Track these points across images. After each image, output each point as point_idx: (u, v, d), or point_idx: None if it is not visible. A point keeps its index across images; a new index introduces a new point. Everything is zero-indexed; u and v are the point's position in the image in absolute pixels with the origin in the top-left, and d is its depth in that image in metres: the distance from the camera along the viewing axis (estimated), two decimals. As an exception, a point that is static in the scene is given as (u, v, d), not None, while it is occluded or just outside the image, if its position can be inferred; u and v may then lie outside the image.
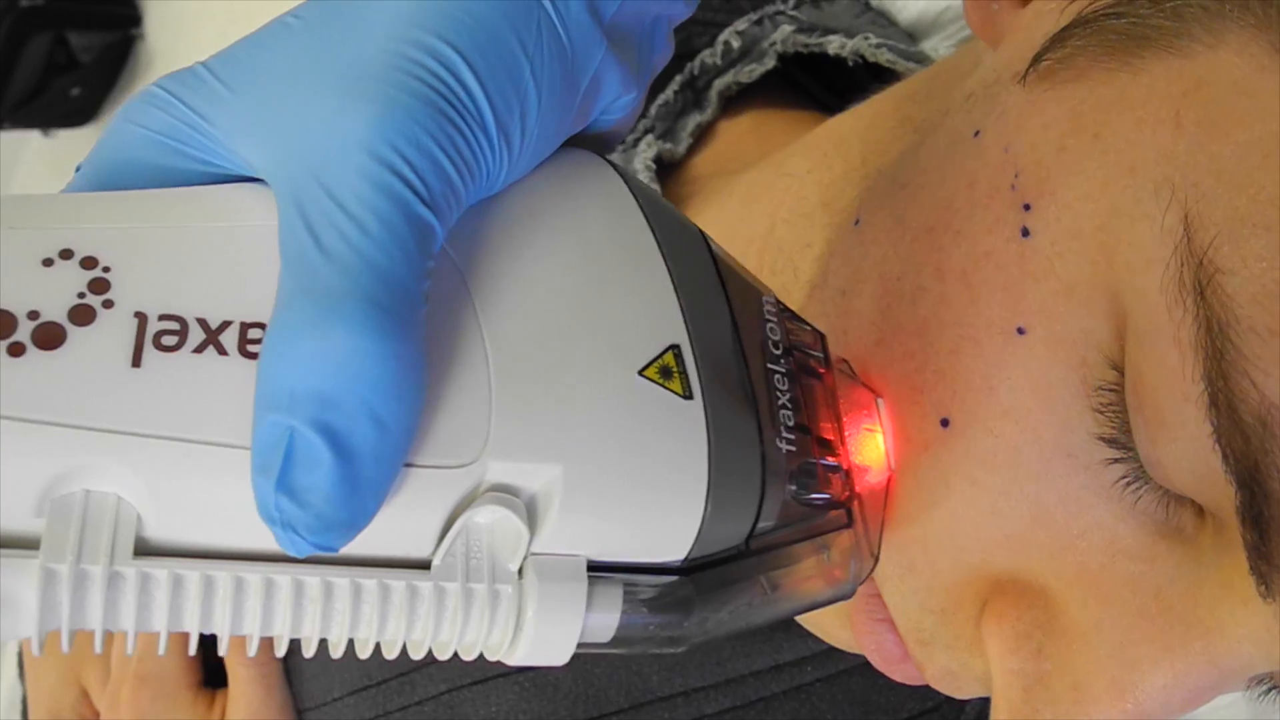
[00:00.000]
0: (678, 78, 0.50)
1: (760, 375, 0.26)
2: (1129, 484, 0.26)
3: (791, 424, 0.26)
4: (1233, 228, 0.23)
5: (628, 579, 0.24)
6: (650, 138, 0.48)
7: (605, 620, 0.24)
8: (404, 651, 0.22)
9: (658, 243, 0.26)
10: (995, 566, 0.28)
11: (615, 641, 0.25)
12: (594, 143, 0.27)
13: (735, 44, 0.49)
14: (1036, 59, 0.28)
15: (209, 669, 0.56)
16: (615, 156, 0.48)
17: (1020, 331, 0.26)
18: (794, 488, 0.26)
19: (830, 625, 0.34)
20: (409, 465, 0.21)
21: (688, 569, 0.25)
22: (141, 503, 0.20)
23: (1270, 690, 0.27)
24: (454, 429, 0.22)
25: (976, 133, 0.29)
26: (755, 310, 0.27)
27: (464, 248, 0.24)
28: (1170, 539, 0.26)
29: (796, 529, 0.27)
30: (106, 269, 0.21)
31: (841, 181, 0.38)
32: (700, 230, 0.28)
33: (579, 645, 0.24)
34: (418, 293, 0.21)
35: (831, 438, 0.28)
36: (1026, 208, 0.27)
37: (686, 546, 0.24)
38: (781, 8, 0.49)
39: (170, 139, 0.23)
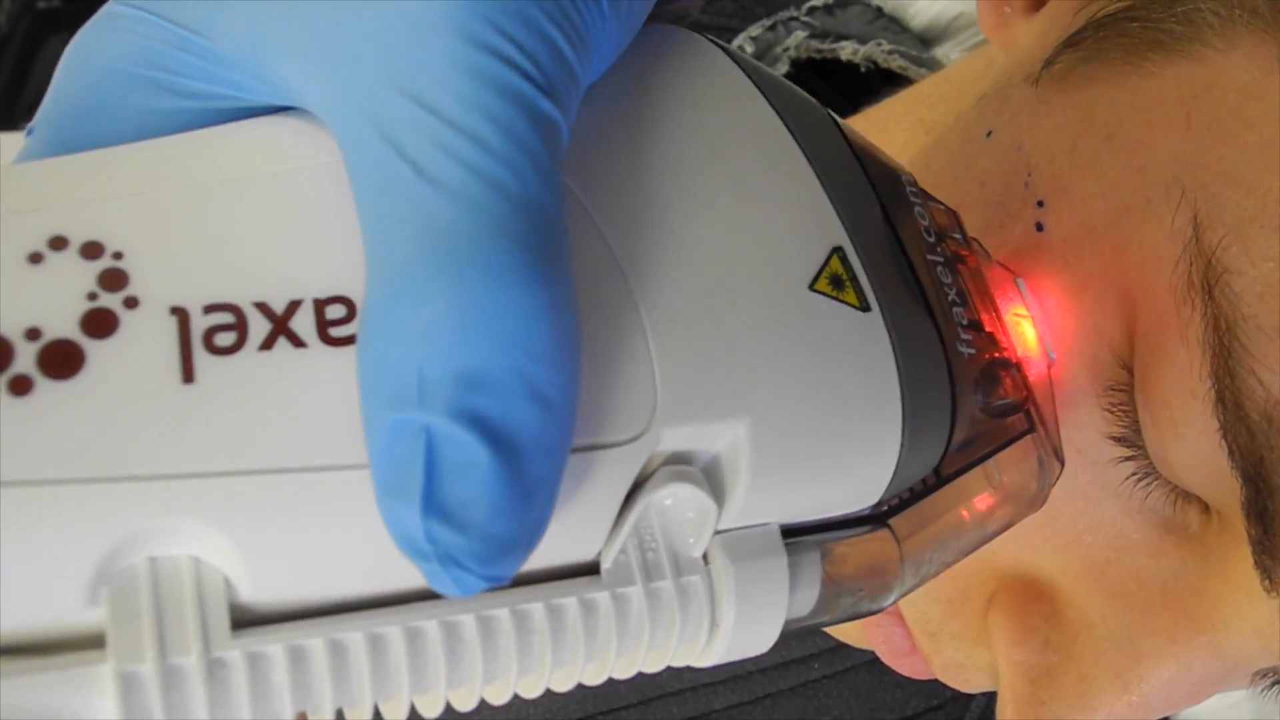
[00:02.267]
0: None
1: (925, 271, 0.22)
2: (1138, 481, 0.26)
3: (965, 322, 0.22)
4: (1241, 228, 0.24)
5: (822, 538, 0.20)
6: None
7: (805, 594, 0.20)
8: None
9: (790, 131, 0.21)
10: (1002, 560, 0.28)
11: (814, 614, 0.21)
12: (668, 14, 0.22)
13: (749, 49, 0.49)
14: (1049, 61, 0.29)
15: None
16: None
17: None
18: (980, 397, 0.22)
19: (839, 619, 0.34)
20: (576, 450, 0.16)
21: (883, 514, 0.21)
22: (227, 562, 0.15)
23: (1274, 685, 0.27)
24: (618, 397, 0.17)
25: (989, 133, 0.30)
26: (902, 196, 0.23)
27: (573, 164, 0.18)
28: (1176, 534, 0.26)
29: (984, 443, 0.23)
30: (118, 255, 0.15)
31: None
32: (828, 111, 0.23)
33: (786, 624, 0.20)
34: (560, 218, 0.16)
35: (993, 330, 0.24)
36: (1040, 204, 0.27)
37: (881, 487, 0.20)
38: (795, 14, 0.49)
39: (149, 68, 0.18)
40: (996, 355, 0.23)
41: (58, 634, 0.15)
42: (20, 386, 0.14)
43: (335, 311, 0.16)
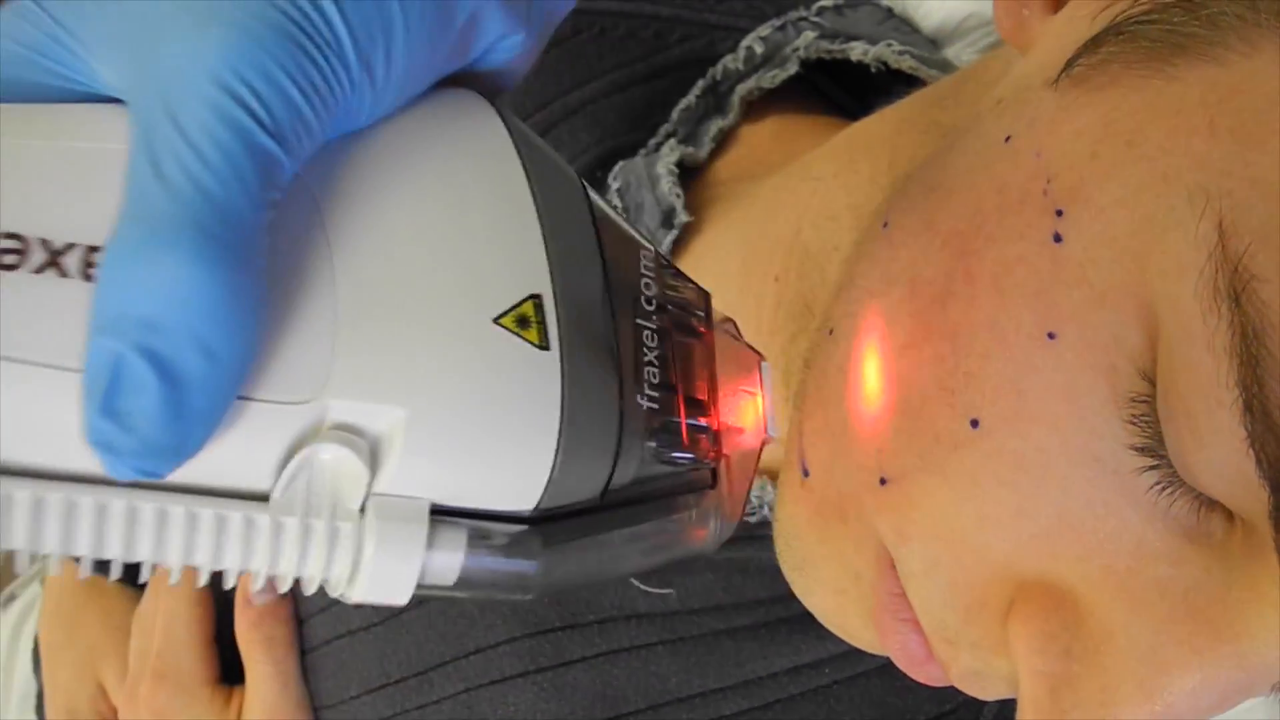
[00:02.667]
0: (700, 82, 0.50)
1: (628, 330, 0.26)
2: (1161, 490, 0.26)
3: (656, 381, 0.26)
4: (1268, 234, 0.23)
5: (474, 525, 0.24)
6: (672, 142, 0.48)
7: (448, 561, 0.24)
8: (419, 650, 0.23)
9: (531, 188, 0.25)
10: (1021, 567, 0.28)
11: (460, 584, 0.25)
12: (480, 83, 0.27)
13: (758, 49, 0.49)
14: (1069, 64, 0.28)
15: (226, 665, 0.56)
16: (639, 159, 0.48)
17: (1050, 337, 0.26)
18: (654, 445, 0.26)
19: (853, 625, 0.34)
20: (246, 399, 0.21)
21: (537, 518, 0.25)
22: None
23: (1296, 693, 0.27)
24: (294, 365, 0.22)
25: (1007, 138, 0.29)
26: (631, 264, 0.27)
27: (324, 181, 0.23)
28: (1199, 543, 0.26)
29: (656, 485, 0.27)
30: None
31: (868, 185, 0.38)
32: (581, 181, 0.27)
33: (422, 586, 0.24)
34: (255, 224, 0.21)
35: (702, 397, 0.27)
36: (1059, 213, 0.27)
37: (535, 497, 0.24)
38: (805, 14, 0.49)
39: (36, 52, 0.22)
40: (693, 417, 0.27)
41: None
42: None
43: (97, 258, 0.21)
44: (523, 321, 0.24)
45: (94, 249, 0.21)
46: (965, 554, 0.29)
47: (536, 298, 0.24)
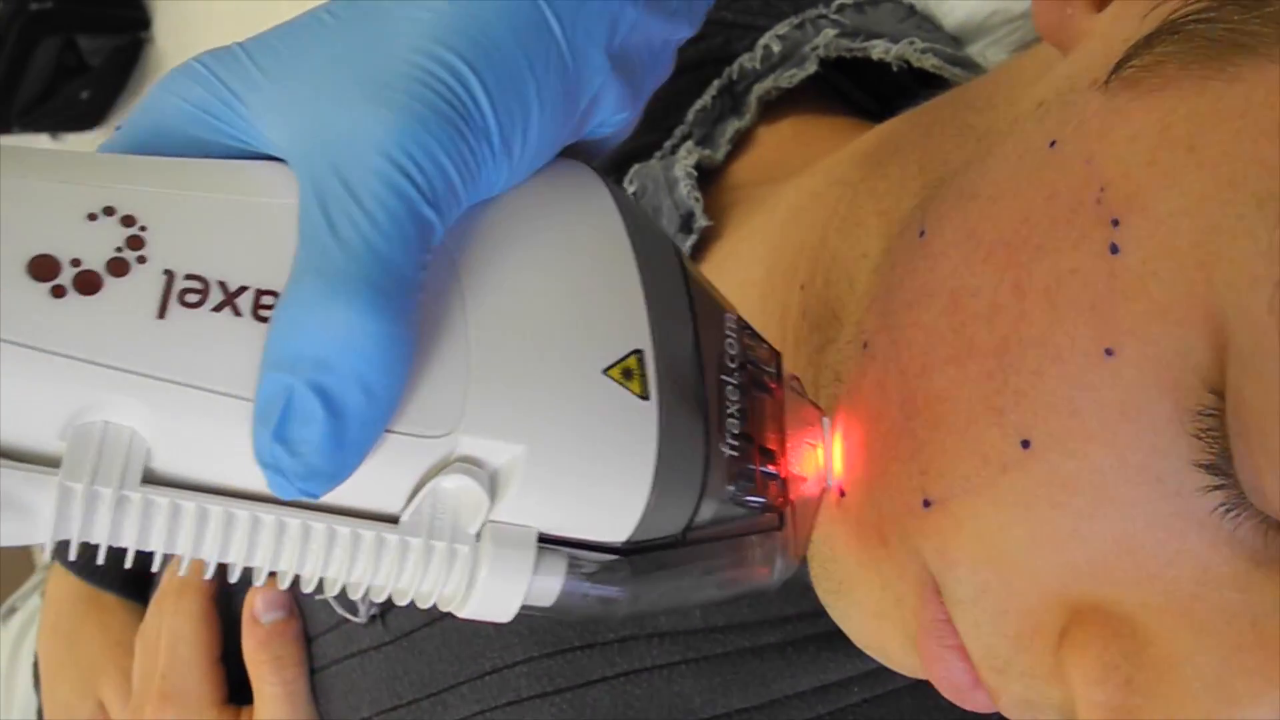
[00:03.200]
0: (716, 83, 0.49)
1: (714, 385, 0.29)
2: (1227, 511, 0.24)
3: (737, 432, 0.29)
4: None
5: (572, 553, 0.27)
6: (689, 144, 0.47)
7: (548, 585, 0.26)
8: (432, 671, 0.28)
9: (635, 253, 0.28)
10: (1076, 592, 0.27)
11: (555, 607, 0.27)
12: (585, 150, 0.29)
13: (776, 48, 0.48)
14: (1119, 66, 0.27)
15: (234, 684, 0.55)
16: (655, 162, 0.47)
17: (1109, 353, 0.25)
18: (732, 489, 0.28)
19: (894, 650, 0.32)
20: (390, 431, 0.24)
21: (627, 550, 0.27)
22: (153, 438, 0.23)
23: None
24: (433, 403, 0.24)
25: (1053, 143, 0.28)
26: (717, 325, 0.30)
27: (460, 242, 0.26)
28: (1267, 567, 0.25)
29: (731, 525, 0.29)
30: (143, 228, 0.23)
31: (898, 190, 0.37)
32: (676, 246, 0.30)
33: (523, 606, 0.26)
34: (415, 281, 0.23)
35: (774, 448, 0.30)
36: (1115, 223, 0.25)
37: (628, 530, 0.27)
38: (824, 11, 0.48)
39: (205, 112, 0.25)
40: (765, 466, 0.30)
41: (32, 451, 0.23)
42: (59, 293, 0.22)
43: (268, 300, 0.24)
44: (627, 373, 0.27)
45: (263, 292, 0.23)
46: (1016, 579, 0.27)
47: (639, 353, 0.27)
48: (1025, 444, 0.26)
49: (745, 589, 0.31)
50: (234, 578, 0.25)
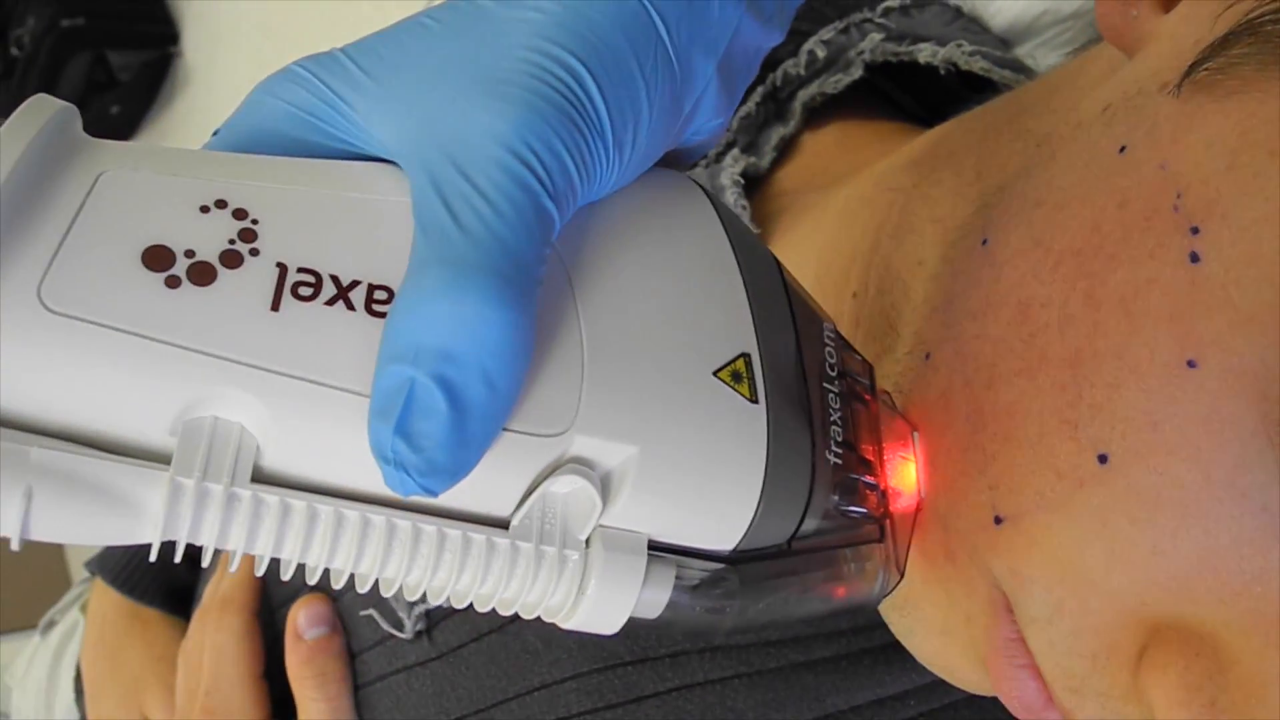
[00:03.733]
0: (759, 89, 0.48)
1: (817, 392, 0.28)
2: None
3: (840, 440, 0.28)
4: None
5: (681, 561, 0.26)
6: (735, 152, 0.46)
7: (657, 596, 0.26)
8: (480, 687, 0.27)
9: (737, 261, 0.28)
10: (1156, 610, 0.26)
11: (660, 619, 0.26)
12: (677, 158, 0.30)
13: (820, 54, 0.47)
14: (1192, 69, 0.26)
15: (277, 701, 0.55)
16: (701, 170, 0.46)
17: (1191, 364, 0.24)
18: (836, 498, 0.28)
19: (960, 668, 0.32)
20: (506, 429, 0.23)
21: (734, 559, 0.27)
22: (263, 434, 0.22)
23: None
24: (548, 402, 0.24)
25: (1122, 148, 0.27)
26: (816, 334, 0.29)
27: (569, 244, 0.26)
28: None
29: (834, 536, 0.28)
30: (255, 221, 0.23)
31: (953, 197, 0.36)
32: (775, 256, 0.30)
33: (630, 618, 0.26)
34: (537, 274, 0.23)
35: (872, 459, 0.30)
36: (1194, 231, 0.25)
37: (736, 538, 0.26)
38: (869, 15, 0.47)
39: (308, 114, 0.25)
40: (864, 476, 0.29)
41: (141, 447, 0.22)
42: (173, 283, 0.22)
43: (381, 295, 0.23)
44: (736, 376, 0.26)
45: (376, 287, 0.23)
46: (1093, 597, 0.27)
47: (746, 356, 0.27)
48: (1103, 459, 0.26)
49: (848, 603, 0.30)
50: (339, 583, 0.24)
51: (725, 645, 0.43)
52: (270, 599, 0.56)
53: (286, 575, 0.24)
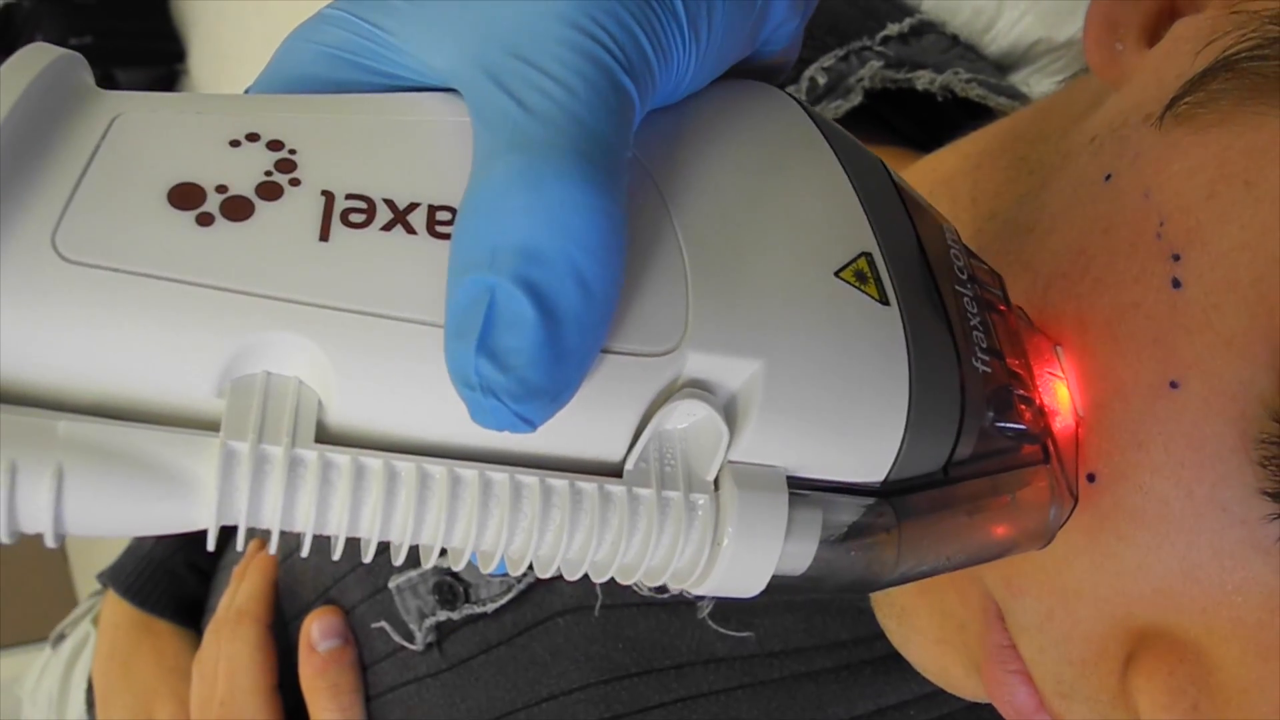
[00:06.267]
0: None
1: (950, 295, 0.25)
2: None
3: (984, 347, 0.24)
4: None
5: (824, 498, 0.22)
6: None
7: (803, 545, 0.22)
8: (489, 698, 0.22)
9: (839, 158, 0.25)
10: (1141, 619, 0.27)
11: (810, 572, 0.22)
12: (757, 74, 0.27)
13: (821, 80, 0.48)
14: (1173, 101, 0.28)
15: (291, 712, 0.56)
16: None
17: (1174, 385, 0.26)
18: (992, 413, 0.24)
19: (955, 675, 0.33)
20: (605, 351, 0.20)
21: (886, 491, 0.23)
22: (324, 385, 0.19)
23: None
24: (652, 316, 0.20)
25: (1108, 176, 0.29)
26: (938, 236, 0.26)
27: (651, 150, 0.23)
28: None
29: (993, 461, 0.25)
30: (292, 151, 0.21)
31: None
32: (879, 159, 0.26)
33: (774, 575, 0.22)
34: (622, 160, 0.20)
35: (1021, 372, 0.26)
36: (1176, 258, 0.26)
37: (886, 464, 0.22)
38: (869, 43, 0.49)
39: (346, 52, 0.23)
40: (1016, 386, 0.25)
41: (185, 414, 0.19)
42: (205, 220, 0.19)
43: (443, 216, 0.20)
44: (861, 276, 0.23)
45: (437, 208, 0.20)
46: (1081, 607, 0.28)
47: (868, 255, 0.23)
48: (1090, 478, 0.27)
49: (1019, 540, 0.26)
50: (428, 562, 0.21)
51: (729, 657, 0.44)
52: (283, 611, 0.58)
53: (368, 556, 0.20)
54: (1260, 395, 0.25)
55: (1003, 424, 0.24)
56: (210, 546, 0.18)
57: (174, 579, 0.68)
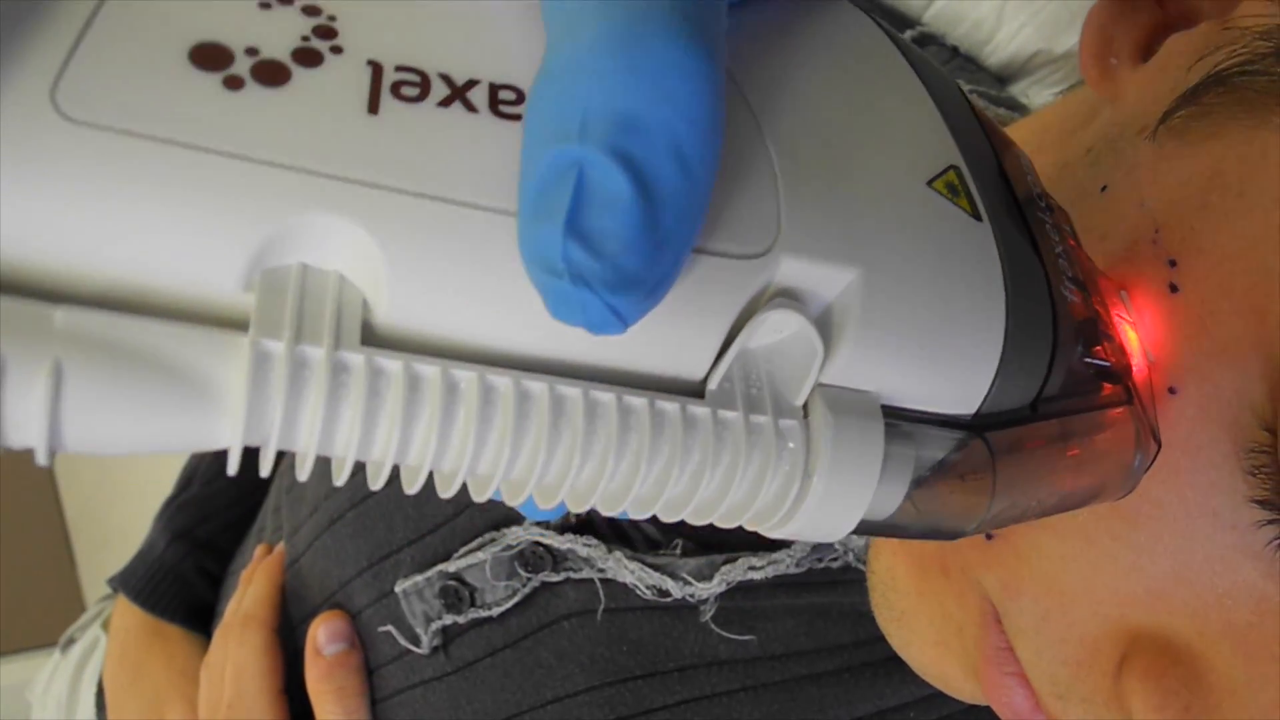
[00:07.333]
0: None
1: (1034, 218, 0.23)
2: None
3: (1070, 276, 0.23)
4: None
5: (916, 430, 0.20)
6: None
7: (895, 483, 0.20)
8: (494, 701, 0.19)
9: (916, 73, 0.23)
10: (1135, 621, 0.28)
11: (897, 514, 0.20)
12: None
13: None
14: (1167, 115, 0.28)
15: (297, 716, 0.56)
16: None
17: (1171, 391, 0.26)
18: (1080, 347, 0.22)
19: (954, 677, 0.33)
20: (694, 249, 0.17)
21: (978, 425, 0.21)
22: (370, 282, 0.17)
23: None
24: (741, 215, 0.18)
25: (1104, 188, 0.29)
26: (1016, 160, 0.24)
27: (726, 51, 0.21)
28: None
29: (1078, 400, 0.23)
30: (331, 17, 0.18)
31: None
32: (956, 81, 0.25)
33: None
34: (722, 27, 0.18)
35: (1099, 309, 0.24)
36: (1172, 263, 0.26)
37: (980, 395, 0.20)
38: None
39: None
40: (1099, 320, 0.23)
41: (205, 309, 0.16)
42: (234, 83, 0.16)
43: (507, 95, 0.18)
44: (952, 189, 0.21)
45: (500, 87, 0.18)
46: (1077, 609, 0.28)
47: (956, 168, 0.21)
48: None
49: (1105, 485, 0.24)
50: (482, 495, 0.18)
51: (731, 659, 0.44)
52: (290, 616, 0.58)
53: (413, 487, 0.17)
54: (1252, 404, 0.25)
55: (1089, 359, 0.23)
56: (232, 469, 0.16)
57: (184, 584, 0.69)
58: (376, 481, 0.17)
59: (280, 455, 0.21)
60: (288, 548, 0.59)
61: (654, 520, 0.46)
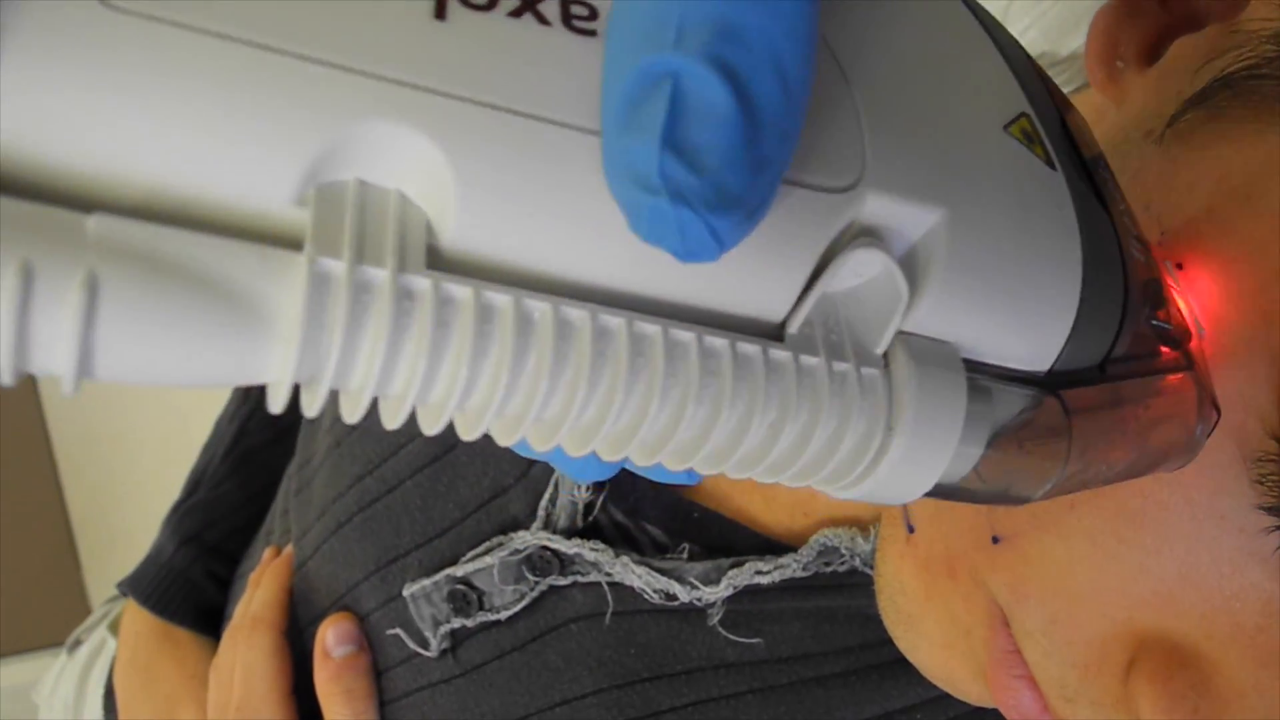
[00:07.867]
0: None
1: (1099, 173, 0.22)
2: None
3: (1134, 234, 0.22)
4: None
5: (996, 386, 0.19)
6: None
7: (973, 441, 0.19)
8: (503, 703, 0.17)
9: (982, 25, 0.22)
10: (1142, 624, 0.28)
11: (969, 479, 0.19)
12: None
13: None
14: (1174, 119, 0.28)
15: (305, 718, 0.57)
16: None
17: None
18: (1147, 309, 0.22)
19: (962, 680, 0.34)
20: (784, 180, 0.16)
21: (1051, 382, 0.20)
22: (435, 201, 0.15)
23: None
24: (826, 148, 0.17)
25: None
26: (1078, 118, 0.23)
27: None
28: None
29: (1144, 363, 0.22)
30: None
31: None
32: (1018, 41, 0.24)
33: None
34: None
35: (1159, 272, 0.24)
36: (1178, 266, 0.27)
37: (1054, 351, 0.19)
38: None
39: None
40: (1163, 283, 0.23)
41: (253, 222, 0.14)
42: None
43: (579, 10, 0.16)
44: (1028, 136, 0.20)
45: (573, 1, 0.16)
46: (1084, 611, 0.28)
47: (1027, 115, 0.20)
48: None
49: (1169, 452, 0.23)
50: (545, 444, 0.17)
51: (738, 662, 0.44)
52: (299, 618, 0.58)
53: (472, 434, 0.16)
54: (1259, 411, 0.25)
55: (1154, 321, 0.22)
56: (279, 405, 0.15)
57: (193, 588, 0.69)
58: (433, 428, 0.16)
59: (291, 454, 0.19)
60: (296, 551, 0.59)
61: (662, 523, 0.46)
